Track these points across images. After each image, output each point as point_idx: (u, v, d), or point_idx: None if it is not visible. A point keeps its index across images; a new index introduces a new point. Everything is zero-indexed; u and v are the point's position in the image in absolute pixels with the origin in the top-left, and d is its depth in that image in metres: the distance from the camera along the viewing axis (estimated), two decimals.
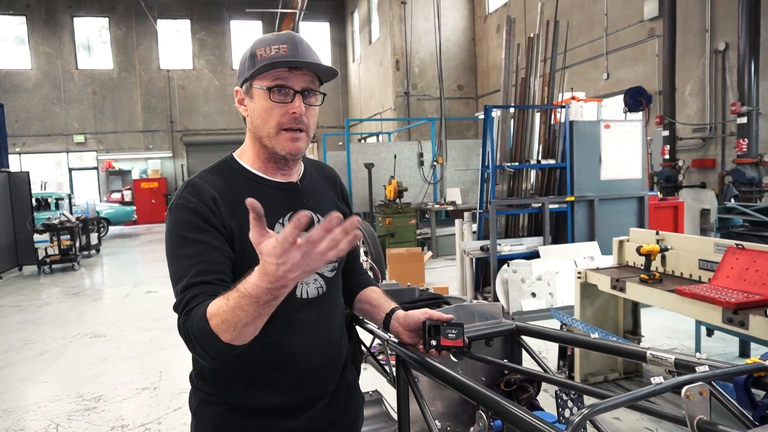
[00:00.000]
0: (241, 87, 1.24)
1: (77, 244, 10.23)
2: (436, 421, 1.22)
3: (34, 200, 12.10)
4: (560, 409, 1.27)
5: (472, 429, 1.05)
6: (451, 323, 1.28)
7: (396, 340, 1.41)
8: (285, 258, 0.84)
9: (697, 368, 0.89)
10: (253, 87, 1.20)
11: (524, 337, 1.54)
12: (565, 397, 1.24)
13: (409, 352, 1.31)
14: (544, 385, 1.63)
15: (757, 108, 6.90)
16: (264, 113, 1.19)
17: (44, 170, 19.67)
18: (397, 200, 9.47)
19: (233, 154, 1.31)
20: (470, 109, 16.26)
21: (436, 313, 1.31)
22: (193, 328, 1.02)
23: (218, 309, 0.97)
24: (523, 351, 1.59)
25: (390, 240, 8.93)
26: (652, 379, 0.83)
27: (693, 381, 0.81)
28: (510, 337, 1.54)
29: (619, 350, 1.20)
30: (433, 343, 1.26)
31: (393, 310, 1.39)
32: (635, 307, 4.00)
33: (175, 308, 1.11)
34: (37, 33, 19.15)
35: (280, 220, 1.25)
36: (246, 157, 1.28)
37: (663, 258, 3.37)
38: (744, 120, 6.92)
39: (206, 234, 1.15)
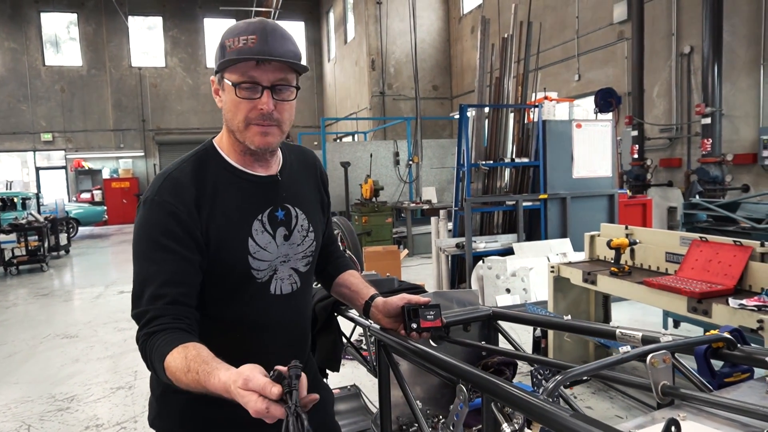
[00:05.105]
0: (215, 77, 1.20)
1: (46, 245, 9.97)
2: (418, 402, 1.26)
3: None
4: (535, 388, 1.32)
5: (452, 406, 1.09)
6: (428, 305, 1.32)
7: (377, 326, 1.44)
8: (253, 411, 0.86)
9: (661, 339, 0.95)
10: (224, 80, 1.16)
11: (500, 323, 1.60)
12: (540, 376, 1.30)
13: (391, 336, 1.35)
14: (519, 369, 1.69)
15: (720, 109, 7.16)
16: (233, 107, 1.15)
17: (10, 169, 19.09)
18: (374, 199, 9.52)
19: (213, 141, 1.27)
20: (445, 109, 16.41)
21: (414, 297, 1.35)
22: (151, 355, 1.08)
23: (174, 369, 1.01)
24: (500, 337, 1.65)
25: (366, 238, 8.96)
26: (620, 348, 0.89)
27: (657, 350, 0.87)
28: (487, 323, 1.60)
29: (590, 330, 1.26)
30: (414, 326, 1.30)
31: (372, 297, 1.42)
32: (606, 300, 4.12)
33: (136, 316, 1.13)
34: (1, 28, 18.57)
35: (259, 217, 1.22)
36: (224, 148, 1.25)
37: (632, 251, 3.49)
38: (708, 121, 7.17)
39: (178, 242, 1.13)
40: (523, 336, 4.36)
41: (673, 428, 0.65)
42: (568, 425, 0.69)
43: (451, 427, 1.06)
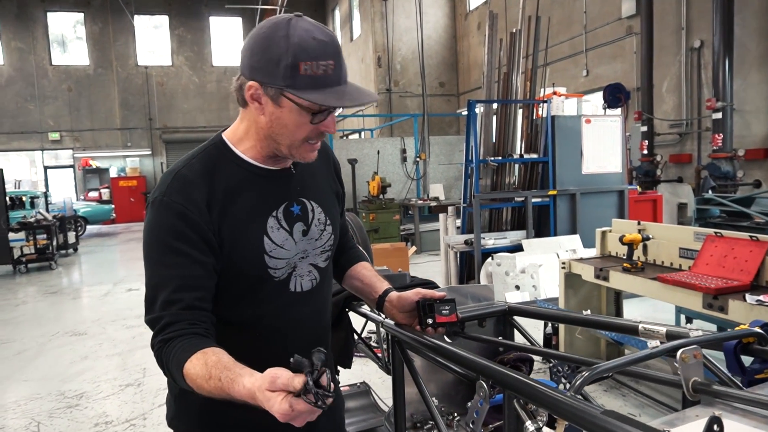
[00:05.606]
0: (261, 85, 1.08)
1: (54, 243, 10.02)
2: (433, 399, 1.23)
3: (8, 199, 11.81)
4: (555, 385, 1.29)
5: (470, 403, 1.06)
6: (443, 300, 1.29)
7: (391, 322, 1.41)
8: (279, 415, 0.84)
9: (690, 333, 0.92)
10: (286, 97, 1.07)
11: (516, 318, 1.57)
12: (559, 373, 1.27)
13: (406, 332, 1.32)
14: (535, 365, 1.66)
15: (731, 104, 7.06)
16: (294, 127, 1.10)
17: (18, 168, 19.21)
18: (381, 196, 9.49)
19: (223, 135, 1.20)
20: (452, 106, 16.34)
21: (429, 292, 1.32)
22: (168, 362, 1.05)
23: (195, 376, 0.98)
24: (516, 333, 1.62)
25: (374, 236, 8.94)
26: (648, 343, 0.86)
27: (687, 345, 0.84)
28: (502, 318, 1.57)
29: (611, 325, 1.23)
30: (429, 321, 1.28)
31: (386, 292, 1.38)
32: (617, 297, 4.07)
33: (150, 322, 1.09)
34: (8, 28, 18.68)
35: (274, 213, 1.18)
36: (242, 144, 1.18)
37: (645, 247, 3.44)
38: (719, 115, 7.07)
39: (190, 244, 1.08)
40: (532, 333, 4.32)
41: (715, 426, 0.62)
42: (600, 423, 0.66)
43: (471, 425, 1.03)
